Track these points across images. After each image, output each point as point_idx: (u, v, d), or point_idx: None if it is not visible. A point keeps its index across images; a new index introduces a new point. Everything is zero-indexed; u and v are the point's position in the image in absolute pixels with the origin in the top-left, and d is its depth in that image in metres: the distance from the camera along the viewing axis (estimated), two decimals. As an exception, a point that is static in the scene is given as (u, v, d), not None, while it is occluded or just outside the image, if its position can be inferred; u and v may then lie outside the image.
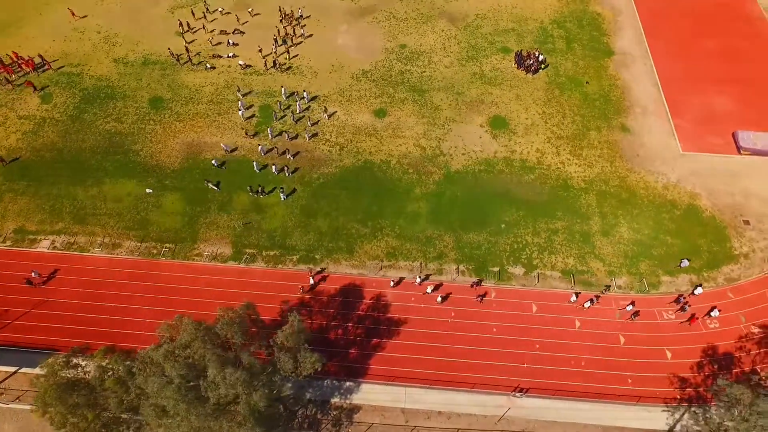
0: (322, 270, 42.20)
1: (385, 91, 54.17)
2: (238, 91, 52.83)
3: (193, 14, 61.06)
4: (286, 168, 47.07)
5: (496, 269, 42.79)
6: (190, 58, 56.25)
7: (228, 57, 56.70)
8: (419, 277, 41.44)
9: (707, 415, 34.99)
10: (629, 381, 37.50)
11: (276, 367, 28.46)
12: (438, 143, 50.21)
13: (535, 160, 49.05)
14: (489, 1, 63.58)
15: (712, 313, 39.78)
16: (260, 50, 56.41)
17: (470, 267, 42.87)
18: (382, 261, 43.14)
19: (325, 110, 51.59)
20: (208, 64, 55.95)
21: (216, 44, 58.12)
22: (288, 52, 56.78)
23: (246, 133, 49.73)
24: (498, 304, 40.95)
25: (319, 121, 51.25)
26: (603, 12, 62.65)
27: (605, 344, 39.07)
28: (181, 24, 59.15)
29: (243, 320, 29.10)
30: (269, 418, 30.06)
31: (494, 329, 39.77)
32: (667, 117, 52.23)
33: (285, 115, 51.17)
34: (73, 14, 59.88)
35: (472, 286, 41.53)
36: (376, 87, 54.59)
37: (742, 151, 49.14)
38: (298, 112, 51.36)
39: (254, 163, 47.27)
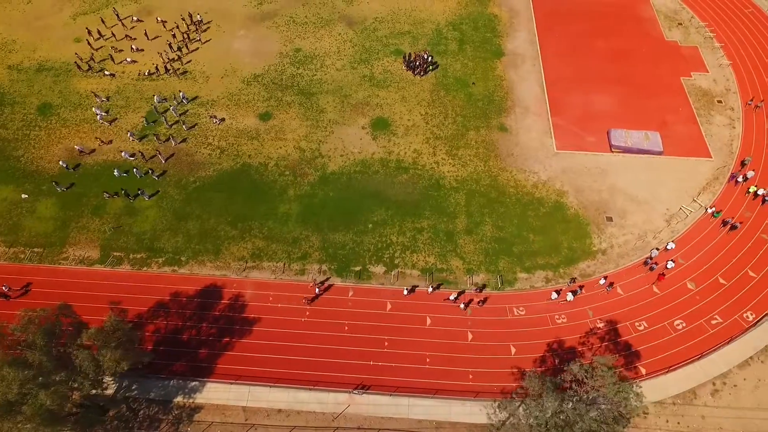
0: (326, 280, 42.38)
1: (273, 95, 54.93)
2: (96, 96, 53.42)
3: (104, 22, 61.57)
4: (150, 171, 47.70)
5: (357, 268, 43.50)
6: (90, 66, 56.87)
7: (126, 62, 57.32)
8: (431, 286, 41.45)
9: (539, 409, 35.73)
10: (470, 377, 38.24)
11: (76, 366, 29.05)
12: (318, 145, 50.97)
13: (411, 160, 49.87)
14: (389, 4, 64.53)
15: (668, 266, 42.11)
16: (164, 53, 57.59)
17: (332, 267, 43.57)
18: (246, 262, 43.83)
19: (214, 117, 52.20)
20: (106, 71, 56.53)
21: (119, 51, 58.68)
22: (180, 59, 57.46)
23: (102, 141, 50.32)
24: (354, 303, 41.63)
25: (196, 124, 51.95)
26: (500, 14, 63.66)
27: (453, 341, 39.79)
28: (90, 32, 59.54)
29: (48, 321, 29.69)
30: (85, 417, 30.69)
31: (346, 327, 40.46)
32: (547, 116, 53.18)
33: (157, 119, 51.85)
34: None
35: (475, 290, 41.91)
36: (265, 91, 55.34)
37: (613, 149, 50.12)
38: (175, 116, 51.99)
39: (115, 170, 47.79)
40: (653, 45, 59.50)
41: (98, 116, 51.60)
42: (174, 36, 58.94)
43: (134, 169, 47.35)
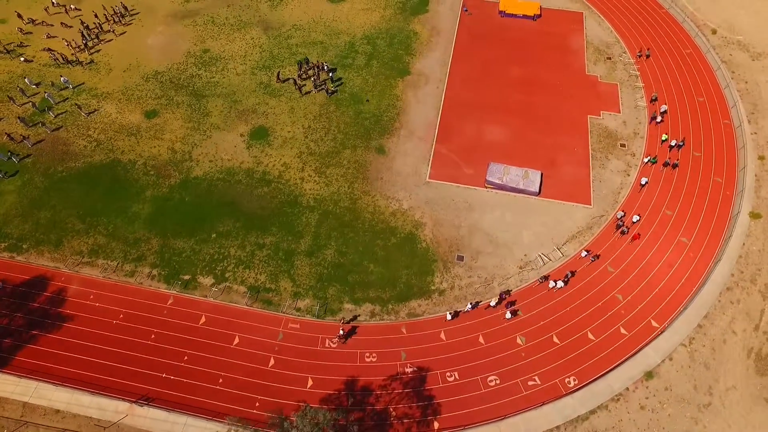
0: (355, 318, 40.70)
1: (166, 93, 54.95)
2: None
3: (47, 10, 63.36)
4: (10, 154, 48.56)
5: (187, 277, 42.79)
6: (7, 49, 58.52)
7: (47, 51, 58.61)
8: (470, 303, 40.22)
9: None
10: (257, 404, 36.82)
11: None
12: (191, 148, 50.58)
13: (277, 173, 48.73)
14: (312, 12, 63.56)
15: (634, 219, 44.84)
16: (76, 43, 58.59)
17: (163, 273, 42.96)
18: (83, 256, 43.87)
19: (80, 108, 52.81)
20: (23, 56, 58.14)
21: (51, 37, 59.86)
22: (86, 48, 58.38)
23: None
24: (170, 312, 40.95)
25: (65, 112, 52.85)
26: (421, 31, 61.50)
27: (253, 364, 38.45)
28: (20, 15, 61.50)
29: None
30: None
31: (153, 336, 39.81)
32: (432, 142, 50.88)
33: (27, 103, 52.76)
34: None
35: (499, 301, 40.78)
36: (160, 89, 55.43)
37: (487, 184, 47.36)
38: (54, 103, 52.81)
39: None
40: (571, 78, 55.98)
41: None
42: (87, 27, 59.90)
43: (-6, 152, 48.52)
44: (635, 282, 41.82)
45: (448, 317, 39.89)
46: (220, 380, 37.80)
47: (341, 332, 39.00)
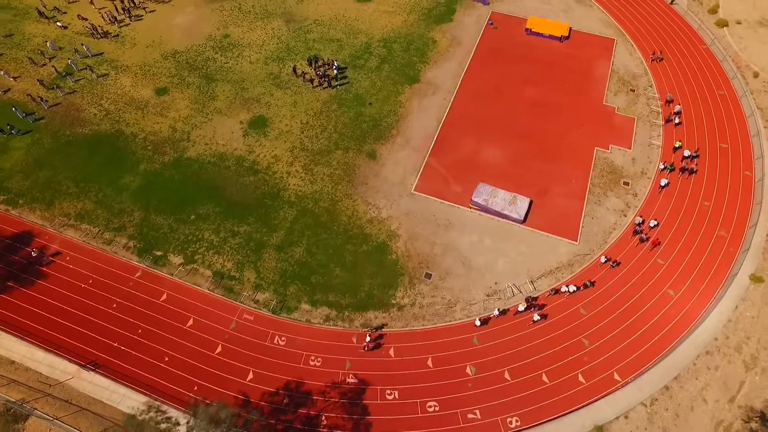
0: (382, 326, 40.08)
1: (179, 73, 56.48)
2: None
3: None
4: (25, 114, 51.31)
5: (159, 253, 43.80)
6: (47, 16, 61.92)
7: (81, 19, 61.70)
8: (498, 309, 39.88)
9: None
10: (195, 388, 37.19)
11: None
12: (191, 129, 51.74)
13: (266, 164, 49.05)
14: (336, 9, 63.56)
15: (651, 223, 44.00)
16: (108, 14, 61.41)
17: (138, 245, 44.14)
18: (69, 219, 45.74)
19: (91, 70, 55.19)
20: (59, 23, 61.40)
21: (101, 9, 62.66)
22: (115, 21, 60.89)
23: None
24: (135, 285, 42.00)
25: (82, 79, 55.33)
26: (441, 40, 60.18)
27: (200, 348, 38.90)
28: None
29: None
30: None
31: (114, 305, 40.99)
32: (425, 154, 49.71)
33: (45, 64, 55.54)
34: None
35: (528, 307, 39.97)
36: (175, 68, 57.03)
37: (471, 205, 45.79)
38: (76, 70, 55.38)
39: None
40: (586, 105, 53.22)
41: None
42: (122, 1, 62.45)
43: (12, 108, 51.10)
44: (606, 329, 39.30)
45: (477, 323, 38.99)
46: (166, 358, 38.45)
47: (368, 338, 38.43)
